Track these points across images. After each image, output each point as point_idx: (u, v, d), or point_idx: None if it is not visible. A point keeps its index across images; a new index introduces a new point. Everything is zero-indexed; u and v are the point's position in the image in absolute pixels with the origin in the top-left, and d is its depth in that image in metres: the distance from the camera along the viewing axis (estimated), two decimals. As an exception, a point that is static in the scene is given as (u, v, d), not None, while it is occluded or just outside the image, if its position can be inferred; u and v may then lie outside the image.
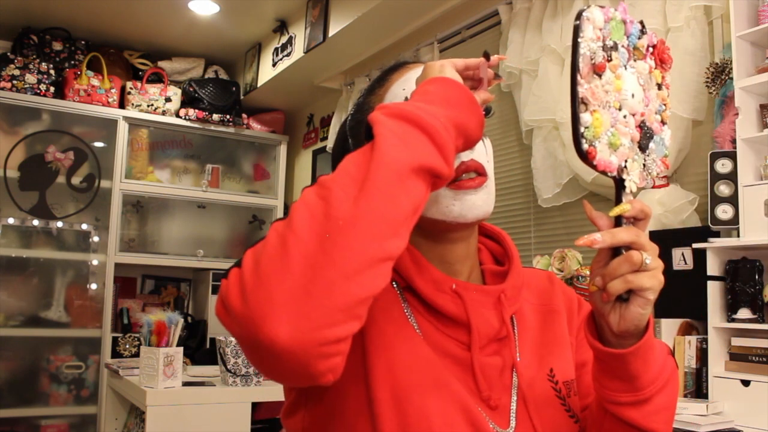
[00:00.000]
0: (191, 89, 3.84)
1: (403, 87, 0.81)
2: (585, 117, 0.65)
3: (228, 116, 3.88)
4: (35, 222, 3.43)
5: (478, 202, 0.77)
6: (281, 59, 3.54)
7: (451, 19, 2.87)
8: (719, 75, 1.79)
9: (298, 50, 3.37)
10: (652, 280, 0.64)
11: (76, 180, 3.53)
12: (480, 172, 0.78)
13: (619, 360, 0.68)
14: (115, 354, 3.28)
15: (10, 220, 3.37)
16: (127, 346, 3.21)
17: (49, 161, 3.47)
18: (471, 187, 0.77)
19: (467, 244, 0.83)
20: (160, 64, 3.89)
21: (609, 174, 0.67)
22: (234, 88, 3.94)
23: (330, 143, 3.58)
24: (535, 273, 0.94)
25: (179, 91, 3.87)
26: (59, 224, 3.47)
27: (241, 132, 3.99)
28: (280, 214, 4.09)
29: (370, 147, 0.60)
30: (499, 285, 0.82)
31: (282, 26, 3.55)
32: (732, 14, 1.68)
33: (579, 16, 0.65)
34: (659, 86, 0.72)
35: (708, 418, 1.51)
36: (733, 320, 1.62)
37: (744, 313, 1.61)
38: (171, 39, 3.83)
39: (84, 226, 3.54)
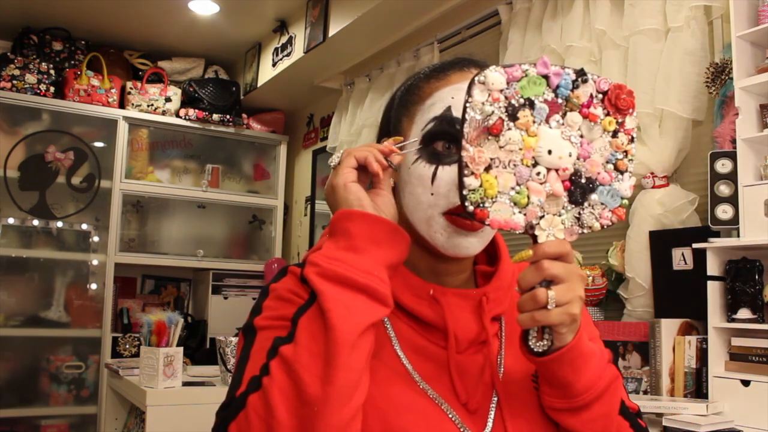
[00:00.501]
0: (191, 89, 3.84)
1: (452, 95, 0.77)
2: (468, 180, 0.66)
3: (228, 116, 3.88)
4: (35, 222, 3.43)
5: (464, 245, 0.76)
6: (281, 59, 3.54)
7: (451, 19, 2.87)
8: (719, 75, 1.79)
9: (298, 50, 3.37)
10: (562, 317, 0.65)
11: (76, 180, 3.53)
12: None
13: (543, 366, 0.70)
14: (115, 354, 3.28)
15: (10, 220, 3.37)
16: (127, 346, 3.21)
17: (49, 161, 3.47)
18: (464, 228, 0.75)
19: (464, 261, 0.82)
20: (160, 64, 3.89)
21: (517, 231, 0.68)
22: (234, 88, 3.94)
23: (330, 143, 3.58)
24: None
25: (179, 91, 3.87)
26: (59, 224, 3.47)
27: (241, 132, 3.99)
28: (280, 214, 4.09)
29: (319, 314, 0.65)
30: (481, 288, 0.81)
31: (282, 26, 3.55)
32: (732, 14, 1.68)
33: (471, 80, 0.67)
34: (615, 133, 0.71)
35: (708, 418, 1.51)
36: (733, 320, 1.62)
37: (744, 313, 1.61)
38: (171, 39, 3.83)
39: (84, 226, 3.54)
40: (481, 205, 0.66)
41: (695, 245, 1.70)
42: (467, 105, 0.66)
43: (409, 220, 0.78)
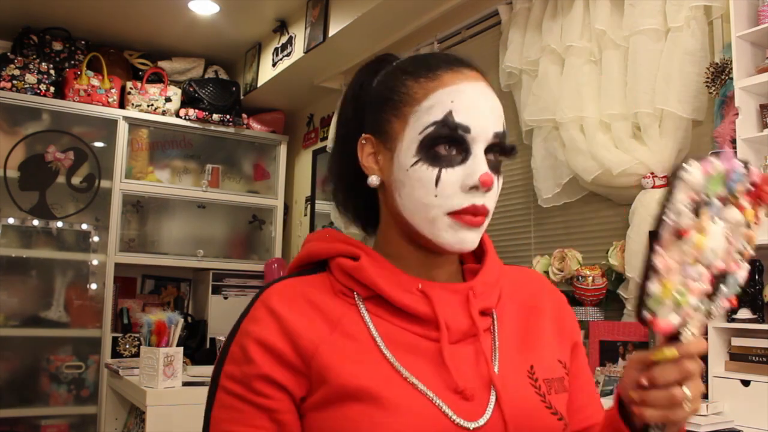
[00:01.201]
0: (191, 89, 3.84)
1: (452, 98, 0.77)
2: (652, 287, 0.64)
3: (228, 116, 3.88)
4: (35, 222, 3.43)
5: (469, 239, 0.78)
6: (281, 59, 3.54)
7: (451, 19, 2.87)
8: (719, 75, 1.79)
9: (298, 50, 3.37)
10: (690, 412, 0.67)
11: (76, 180, 3.53)
12: (485, 214, 0.78)
13: None
14: (115, 354, 3.28)
15: (10, 220, 3.37)
16: (127, 346, 3.21)
17: (49, 161, 3.47)
18: (471, 225, 0.77)
19: (449, 255, 0.83)
20: (160, 64, 3.89)
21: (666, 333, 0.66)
22: (234, 88, 3.94)
23: (330, 143, 3.58)
24: (527, 273, 0.94)
25: (179, 91, 3.87)
26: (59, 224, 3.47)
27: (241, 132, 3.99)
28: (280, 214, 4.09)
29: None
30: (467, 282, 0.83)
31: (282, 26, 3.55)
32: (732, 14, 1.68)
33: (675, 175, 0.63)
34: (748, 224, 0.68)
35: (708, 418, 1.51)
36: (733, 320, 1.62)
37: (744, 313, 1.61)
38: (171, 39, 3.83)
39: (84, 226, 3.54)
40: (654, 311, 0.64)
41: (695, 245, 1.69)
42: (667, 207, 0.63)
43: (407, 220, 0.79)
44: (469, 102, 0.77)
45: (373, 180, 0.82)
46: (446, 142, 0.76)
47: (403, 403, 0.72)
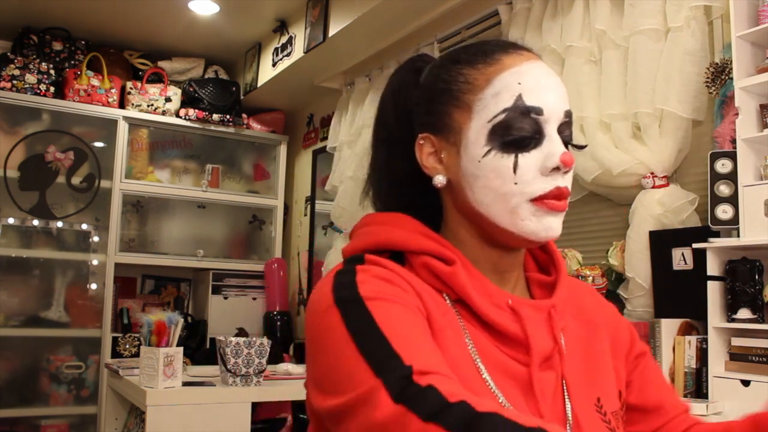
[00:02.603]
0: (191, 89, 3.84)
1: (519, 80, 0.73)
2: None
3: (228, 116, 3.88)
4: (35, 222, 3.42)
5: (555, 225, 0.73)
6: (281, 59, 3.54)
7: (451, 19, 2.87)
8: (719, 75, 1.79)
9: (298, 50, 3.37)
10: None
11: (76, 180, 3.53)
12: (568, 196, 0.74)
13: None
14: (115, 354, 3.28)
15: (10, 220, 3.37)
16: (127, 346, 3.21)
17: (49, 161, 3.47)
18: (555, 209, 0.73)
19: (520, 253, 0.80)
20: (160, 64, 3.89)
21: None
22: (234, 88, 3.94)
23: (330, 143, 3.58)
24: (578, 284, 0.90)
25: (179, 91, 3.87)
26: (59, 224, 3.47)
27: (241, 132, 3.99)
28: (280, 214, 4.09)
29: None
30: (549, 299, 0.78)
31: (282, 26, 3.55)
32: (732, 14, 1.68)
33: None
34: None
35: (708, 418, 1.51)
36: (733, 320, 1.62)
37: (744, 313, 1.61)
38: (171, 39, 3.83)
39: (84, 226, 3.54)
40: None
41: (695, 245, 1.70)
42: None
43: (484, 214, 0.74)
44: (536, 82, 0.73)
45: (440, 180, 0.77)
46: (518, 127, 0.72)
47: None
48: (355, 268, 0.70)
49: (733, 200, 1.65)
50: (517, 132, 0.71)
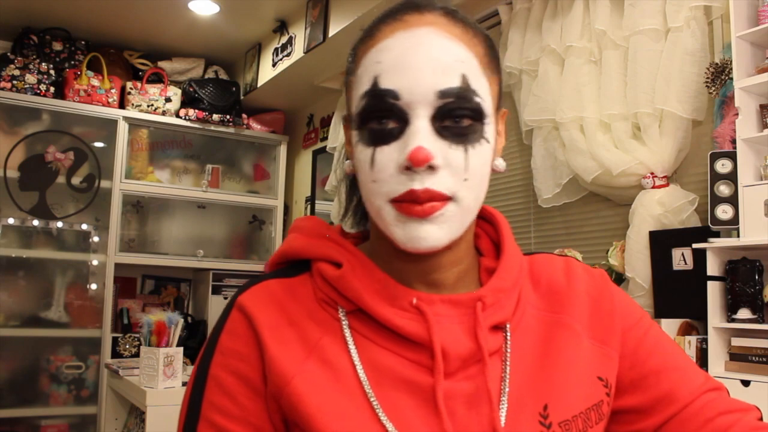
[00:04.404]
0: (191, 89, 3.84)
1: (378, 59, 0.62)
2: None
3: (228, 116, 3.88)
4: (35, 222, 3.42)
5: (422, 234, 0.60)
6: (281, 59, 3.54)
7: (451, 19, 2.87)
8: (719, 75, 1.79)
9: (298, 50, 3.37)
10: None
11: (76, 180, 3.53)
12: (435, 199, 0.60)
13: None
14: (115, 354, 3.28)
15: (10, 220, 3.37)
16: (127, 346, 3.21)
17: (49, 161, 3.47)
18: (416, 215, 0.60)
19: (451, 251, 0.67)
20: (160, 64, 3.89)
21: None
22: (234, 88, 3.94)
23: (330, 143, 3.58)
24: (549, 263, 0.75)
25: (179, 91, 3.87)
26: (59, 224, 3.47)
27: (241, 132, 3.99)
28: (280, 214, 4.09)
29: None
30: (475, 292, 0.66)
31: (282, 26, 3.55)
32: (732, 14, 1.68)
33: None
34: None
35: (708, 418, 1.51)
36: (733, 320, 1.62)
37: (744, 313, 1.61)
38: (171, 39, 3.83)
39: (84, 226, 3.54)
40: None
41: (695, 245, 1.70)
42: None
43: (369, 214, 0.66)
44: (396, 59, 0.61)
45: (346, 165, 0.70)
46: (378, 115, 0.61)
47: None
48: (230, 312, 0.67)
49: (733, 200, 1.65)
50: (373, 122, 0.62)
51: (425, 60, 0.60)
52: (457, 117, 0.61)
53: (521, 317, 0.69)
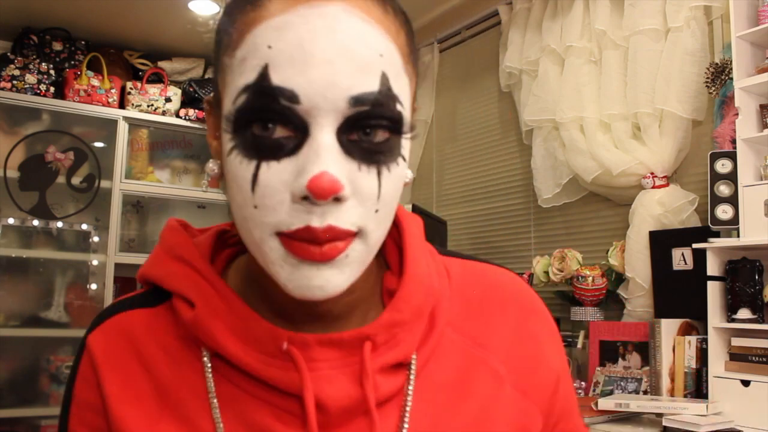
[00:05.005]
0: (191, 89, 3.83)
1: (270, 42, 0.45)
2: None
3: (228, 116, 3.88)
4: (35, 222, 3.42)
5: (316, 281, 0.47)
6: (281, 59, 3.54)
7: (451, 19, 2.87)
8: (719, 75, 1.79)
9: (298, 50, 3.37)
10: None
11: (76, 180, 3.53)
12: (340, 238, 0.46)
13: None
14: (115, 354, 3.28)
15: (10, 220, 3.37)
16: (127, 346, 3.21)
17: (49, 161, 3.47)
18: (311, 258, 0.46)
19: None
20: (160, 64, 3.89)
21: None
22: (234, 88, 3.94)
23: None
24: (486, 278, 0.61)
25: (179, 91, 3.87)
26: (59, 224, 3.47)
27: (241, 132, 3.99)
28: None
29: None
30: (363, 328, 0.52)
31: (282, 26, 3.55)
32: (732, 14, 1.68)
33: None
34: None
35: (708, 418, 1.51)
36: (733, 320, 1.62)
37: (744, 313, 1.61)
38: (171, 39, 3.82)
39: (84, 226, 3.54)
40: None
41: (695, 245, 1.70)
42: None
43: (242, 239, 0.51)
44: (296, 46, 0.44)
45: (210, 166, 0.55)
46: (264, 119, 0.46)
47: None
48: (81, 356, 0.58)
49: (733, 200, 1.65)
50: (256, 126, 0.46)
51: (337, 51, 0.44)
52: (369, 128, 0.46)
53: (437, 344, 0.56)
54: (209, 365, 0.54)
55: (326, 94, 0.44)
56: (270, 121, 0.45)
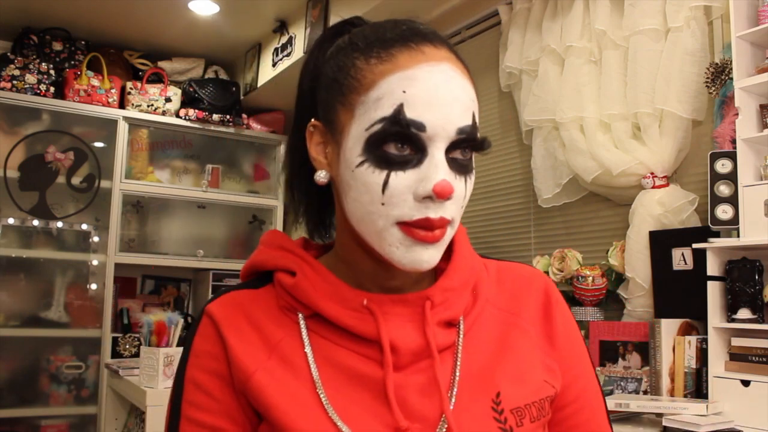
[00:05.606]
0: (191, 89, 3.83)
1: (404, 87, 0.64)
2: None
3: (228, 116, 3.88)
4: (35, 222, 3.42)
5: (425, 257, 0.65)
6: (281, 59, 3.54)
7: (451, 19, 2.87)
8: (719, 75, 1.79)
9: (298, 50, 3.37)
10: None
11: (76, 180, 3.53)
12: (444, 226, 0.66)
13: None
14: (115, 354, 3.28)
15: (10, 220, 3.37)
16: (127, 346, 3.21)
17: (49, 161, 3.47)
18: (424, 240, 0.65)
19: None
20: (160, 64, 3.89)
21: None
22: (234, 89, 3.94)
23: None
24: (517, 270, 0.81)
25: (179, 91, 3.87)
26: (59, 224, 3.47)
27: (241, 132, 3.99)
28: (280, 214, 4.09)
29: None
30: (423, 291, 0.71)
31: (282, 26, 3.55)
32: (732, 14, 1.68)
33: None
34: None
35: (708, 418, 1.51)
36: (733, 320, 1.62)
37: (744, 313, 1.61)
38: (171, 39, 3.82)
39: (84, 226, 3.54)
40: None
41: (695, 245, 1.70)
42: None
43: (356, 228, 0.68)
44: (426, 92, 0.63)
45: (321, 176, 0.70)
46: (396, 141, 0.64)
47: None
48: (201, 319, 0.75)
49: (733, 200, 1.65)
50: (392, 147, 0.64)
51: (452, 97, 0.65)
52: (464, 150, 0.66)
53: (479, 314, 0.74)
54: (304, 324, 0.70)
55: (444, 126, 0.63)
56: (402, 142, 0.63)
